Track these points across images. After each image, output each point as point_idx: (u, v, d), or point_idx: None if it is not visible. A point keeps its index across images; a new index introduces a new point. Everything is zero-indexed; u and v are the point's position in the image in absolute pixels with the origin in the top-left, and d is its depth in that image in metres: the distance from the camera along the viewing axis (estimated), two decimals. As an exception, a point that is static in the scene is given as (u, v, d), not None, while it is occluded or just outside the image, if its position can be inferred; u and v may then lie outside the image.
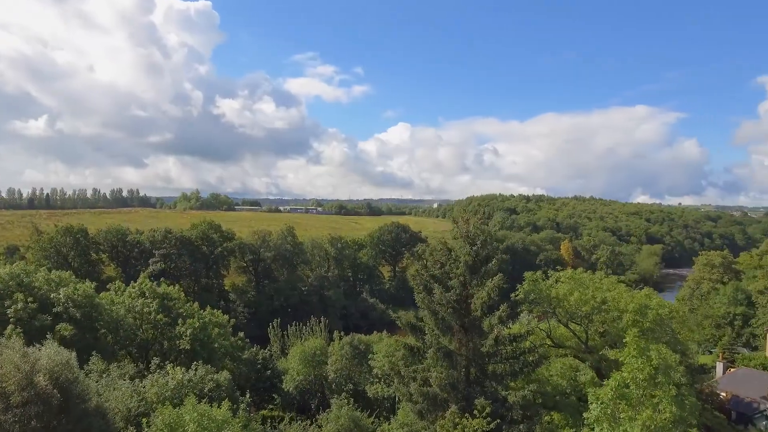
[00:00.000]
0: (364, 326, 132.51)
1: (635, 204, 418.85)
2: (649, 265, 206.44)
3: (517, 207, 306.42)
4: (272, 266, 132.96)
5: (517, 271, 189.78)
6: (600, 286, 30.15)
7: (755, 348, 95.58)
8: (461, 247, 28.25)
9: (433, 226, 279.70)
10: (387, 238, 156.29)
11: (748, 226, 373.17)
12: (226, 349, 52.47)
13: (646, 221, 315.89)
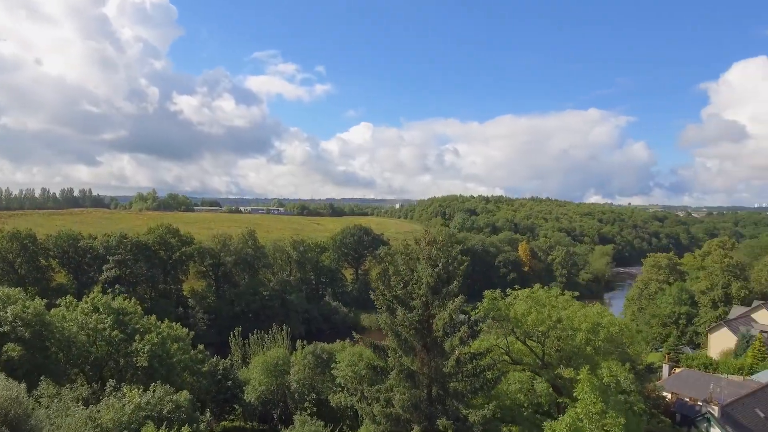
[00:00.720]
0: (326, 330, 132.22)
1: (588, 204, 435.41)
2: (601, 265, 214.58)
3: (477, 208, 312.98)
4: (233, 271, 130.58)
5: (478, 272, 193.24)
6: (555, 304, 31.48)
7: (698, 345, 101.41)
8: (424, 269, 28.85)
9: (395, 226, 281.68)
10: (349, 241, 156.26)
11: (691, 226, 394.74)
12: (186, 363, 51.38)
13: (598, 221, 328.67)
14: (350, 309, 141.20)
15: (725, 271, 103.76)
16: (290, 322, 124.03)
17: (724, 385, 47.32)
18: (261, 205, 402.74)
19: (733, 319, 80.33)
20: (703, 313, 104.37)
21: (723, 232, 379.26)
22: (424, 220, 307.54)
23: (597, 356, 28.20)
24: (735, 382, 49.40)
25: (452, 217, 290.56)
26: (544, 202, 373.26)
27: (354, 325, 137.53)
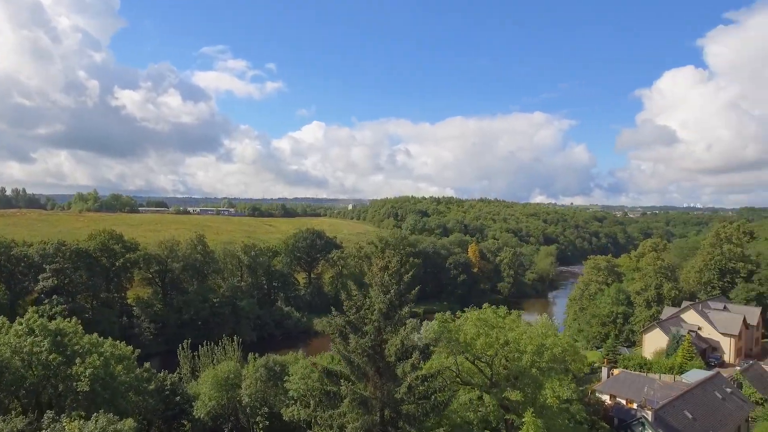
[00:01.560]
0: (279, 335, 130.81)
1: (534, 205, 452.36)
2: (545, 264, 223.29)
3: (428, 209, 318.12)
4: (181, 277, 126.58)
5: (429, 274, 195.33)
6: (503, 325, 32.89)
7: (633, 343, 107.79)
8: (376, 295, 29.40)
9: (348, 228, 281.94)
10: (302, 245, 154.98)
11: (628, 225, 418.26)
12: (131, 382, 49.59)
13: (543, 222, 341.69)
14: (303, 314, 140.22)
15: (658, 273, 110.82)
16: (241, 329, 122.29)
17: (657, 388, 50.83)
18: (210, 205, 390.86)
19: (665, 320, 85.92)
20: (638, 312, 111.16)
21: (656, 231, 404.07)
22: (377, 221, 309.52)
23: (542, 377, 29.81)
24: (667, 384, 53.14)
25: (404, 219, 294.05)
26: (493, 203, 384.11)
27: (307, 330, 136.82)
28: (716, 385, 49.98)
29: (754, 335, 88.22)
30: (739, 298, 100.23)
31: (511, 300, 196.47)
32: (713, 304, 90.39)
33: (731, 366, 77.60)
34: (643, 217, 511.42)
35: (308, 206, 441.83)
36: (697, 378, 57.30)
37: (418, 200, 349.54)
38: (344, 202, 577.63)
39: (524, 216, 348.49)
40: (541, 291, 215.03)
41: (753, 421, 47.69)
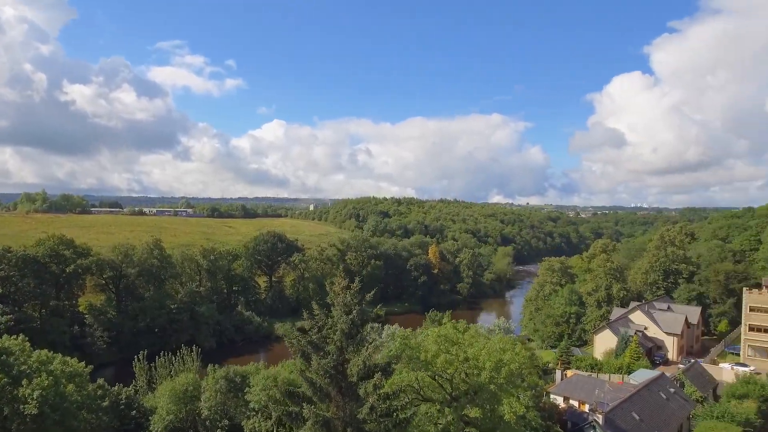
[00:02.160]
0: (239, 341, 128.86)
1: (492, 206, 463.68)
2: (503, 265, 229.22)
3: (389, 210, 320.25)
4: (136, 283, 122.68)
5: (390, 276, 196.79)
6: (463, 341, 34.13)
7: (585, 342, 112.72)
8: (338, 315, 29.87)
9: (310, 229, 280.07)
10: (263, 248, 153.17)
11: (580, 225, 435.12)
12: (83, 400, 47.90)
13: (500, 222, 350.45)
14: (264, 318, 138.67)
15: (607, 275, 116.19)
16: (200, 336, 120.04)
17: (607, 390, 53.69)
18: (167, 206, 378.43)
19: (614, 321, 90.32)
20: (590, 312, 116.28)
21: (606, 231, 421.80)
22: (338, 221, 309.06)
23: (500, 392, 31.31)
24: (616, 386, 56.19)
25: (366, 219, 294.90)
26: (452, 204, 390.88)
27: (268, 335, 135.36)
28: (661, 385, 53.28)
29: (694, 333, 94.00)
30: (682, 298, 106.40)
31: (470, 300, 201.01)
32: (658, 305, 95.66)
33: (674, 363, 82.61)
34: (594, 217, 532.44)
35: (269, 206, 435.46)
36: (644, 378, 60.85)
37: (379, 201, 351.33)
38: (305, 201, 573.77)
39: (483, 216, 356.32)
40: (498, 291, 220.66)
41: (693, 418, 51.08)
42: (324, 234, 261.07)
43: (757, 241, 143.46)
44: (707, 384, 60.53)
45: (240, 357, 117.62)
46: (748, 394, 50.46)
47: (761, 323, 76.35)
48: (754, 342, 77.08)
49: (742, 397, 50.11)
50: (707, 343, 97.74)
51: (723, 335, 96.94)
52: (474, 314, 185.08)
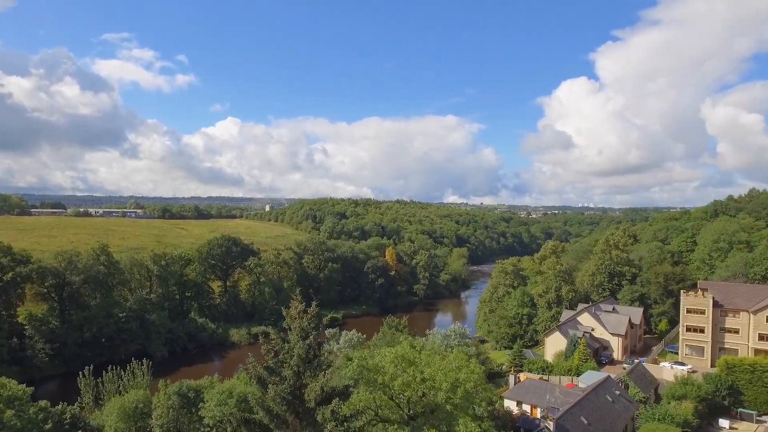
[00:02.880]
0: (192, 349, 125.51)
1: (447, 206, 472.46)
2: (458, 266, 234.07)
3: (346, 211, 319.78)
4: (82, 290, 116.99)
5: (348, 278, 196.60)
6: (420, 360, 34.91)
7: (537, 342, 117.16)
8: (295, 340, 29.83)
9: (266, 230, 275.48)
10: (217, 252, 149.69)
11: (531, 226, 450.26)
12: (24, 426, 45.54)
13: (455, 223, 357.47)
14: (218, 325, 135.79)
15: (557, 277, 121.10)
16: (151, 344, 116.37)
17: (557, 395, 56.30)
18: (115, 206, 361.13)
19: (564, 323, 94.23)
20: (541, 313, 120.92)
21: (556, 230, 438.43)
22: (294, 223, 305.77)
23: (456, 411, 32.42)
24: (565, 391, 58.94)
25: (323, 220, 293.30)
26: (409, 205, 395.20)
27: (222, 342, 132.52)
28: (607, 388, 56.35)
29: (637, 333, 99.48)
30: (625, 299, 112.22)
31: (426, 301, 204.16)
32: (604, 306, 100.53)
33: (620, 363, 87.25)
34: (544, 217, 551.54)
35: (223, 207, 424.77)
36: (592, 380, 64.10)
37: (336, 202, 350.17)
38: (261, 201, 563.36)
39: (438, 217, 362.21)
40: (454, 291, 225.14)
41: (637, 419, 54.36)
42: (280, 235, 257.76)
43: (692, 242, 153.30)
44: (649, 384, 64.49)
45: (193, 366, 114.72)
46: (686, 395, 54.29)
47: (697, 324, 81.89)
48: (691, 342, 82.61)
49: (680, 398, 53.87)
50: (649, 342, 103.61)
51: (663, 334, 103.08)
52: (430, 315, 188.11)
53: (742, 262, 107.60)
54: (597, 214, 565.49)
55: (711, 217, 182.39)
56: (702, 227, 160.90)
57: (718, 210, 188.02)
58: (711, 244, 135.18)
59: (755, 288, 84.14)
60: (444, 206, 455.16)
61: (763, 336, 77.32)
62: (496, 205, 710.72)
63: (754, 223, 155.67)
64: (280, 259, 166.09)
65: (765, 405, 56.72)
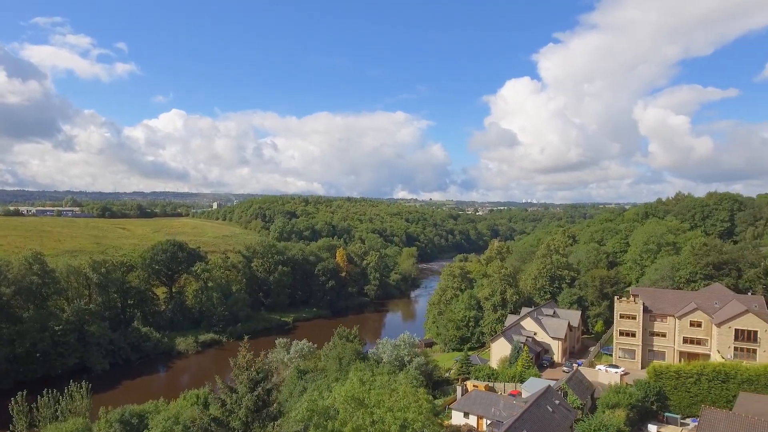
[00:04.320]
0: (136, 360, 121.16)
1: (397, 204, 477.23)
2: (408, 265, 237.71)
3: (296, 210, 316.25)
4: (13, 302, 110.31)
5: (299, 281, 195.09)
6: (370, 400, 35.76)
7: (483, 344, 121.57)
8: (243, 393, 30.00)
9: (213, 230, 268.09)
10: (162, 258, 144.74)
11: (478, 223, 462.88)
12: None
13: (405, 221, 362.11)
14: (164, 333, 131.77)
15: (502, 280, 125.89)
16: (91, 357, 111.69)
17: (503, 407, 59.22)
18: (49, 203, 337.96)
19: (508, 328, 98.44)
20: (487, 315, 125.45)
21: (501, 227, 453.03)
22: (243, 222, 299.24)
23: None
24: (510, 403, 61.96)
25: (272, 220, 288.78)
26: (359, 203, 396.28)
27: (168, 351, 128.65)
28: (547, 398, 59.78)
29: (576, 335, 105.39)
30: (565, 301, 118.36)
31: (377, 301, 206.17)
32: (546, 310, 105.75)
33: (560, 365, 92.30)
34: (490, 214, 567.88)
35: (168, 204, 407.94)
36: (535, 387, 67.77)
37: (286, 200, 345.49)
38: (208, 197, 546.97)
39: (388, 215, 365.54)
40: (404, 290, 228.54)
41: (575, 426, 57.98)
42: (229, 235, 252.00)
43: (625, 243, 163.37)
44: (586, 390, 68.86)
45: (137, 379, 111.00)
46: (618, 403, 58.50)
47: (629, 328, 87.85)
48: (624, 345, 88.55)
49: (614, 407, 57.99)
50: (587, 342, 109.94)
51: (599, 335, 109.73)
52: (381, 316, 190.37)
53: (668, 265, 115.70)
54: (539, 211, 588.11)
55: (642, 218, 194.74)
56: (634, 229, 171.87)
57: (648, 212, 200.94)
58: (642, 245, 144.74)
59: (680, 294, 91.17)
60: (394, 204, 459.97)
61: (687, 339, 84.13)
62: (444, 201, 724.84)
63: (679, 225, 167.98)
64: (229, 262, 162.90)
65: (688, 408, 61.95)
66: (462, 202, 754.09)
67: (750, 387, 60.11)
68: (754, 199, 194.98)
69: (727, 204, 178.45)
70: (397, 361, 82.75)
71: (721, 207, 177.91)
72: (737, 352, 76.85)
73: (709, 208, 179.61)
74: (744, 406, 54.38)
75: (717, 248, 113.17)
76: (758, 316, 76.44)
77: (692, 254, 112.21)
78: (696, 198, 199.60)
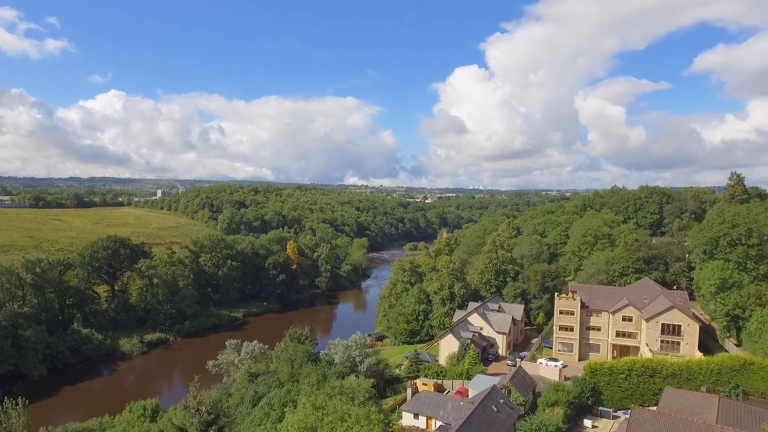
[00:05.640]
0: (77, 364, 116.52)
1: (348, 192, 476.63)
2: (359, 256, 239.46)
3: (245, 199, 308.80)
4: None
5: (249, 275, 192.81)
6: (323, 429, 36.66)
7: (432, 336, 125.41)
8: (190, 423, 30.25)
9: (158, 221, 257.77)
10: (102, 256, 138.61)
11: (427, 211, 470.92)
12: None
13: (356, 210, 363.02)
14: (106, 334, 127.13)
15: (450, 275, 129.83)
16: (26, 364, 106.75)
17: (450, 409, 62.09)
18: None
19: (456, 324, 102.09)
20: (436, 309, 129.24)
21: (449, 215, 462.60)
22: (190, 212, 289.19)
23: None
24: (458, 404, 64.90)
25: (220, 210, 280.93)
26: (310, 192, 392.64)
27: (112, 352, 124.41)
28: (492, 398, 63.15)
29: (519, 327, 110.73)
30: (509, 295, 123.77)
31: (328, 293, 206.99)
32: (491, 305, 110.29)
33: (504, 358, 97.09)
34: (439, 201, 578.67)
35: (108, 191, 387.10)
36: (481, 385, 71.40)
37: (234, 189, 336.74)
38: (151, 183, 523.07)
39: (339, 204, 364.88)
40: (355, 281, 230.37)
41: (518, 428, 61.63)
42: (174, 227, 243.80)
43: (565, 235, 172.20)
44: (528, 387, 73.12)
45: (78, 384, 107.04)
46: (557, 401, 62.71)
47: (567, 323, 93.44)
48: (563, 339, 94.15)
49: (553, 405, 62.12)
50: (529, 334, 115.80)
51: (541, 327, 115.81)
52: (332, 309, 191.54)
53: (604, 260, 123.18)
54: (486, 198, 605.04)
55: (581, 211, 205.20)
56: (573, 221, 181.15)
57: (586, 204, 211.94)
58: (580, 237, 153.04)
59: (614, 290, 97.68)
60: (345, 192, 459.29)
61: (619, 333, 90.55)
62: (395, 187, 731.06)
63: (614, 217, 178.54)
64: (175, 258, 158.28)
65: (620, 402, 67.30)
66: (412, 188, 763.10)
67: (674, 381, 66.05)
68: (681, 192, 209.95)
69: (657, 197, 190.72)
70: (349, 362, 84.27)
71: (651, 200, 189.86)
72: (663, 344, 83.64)
73: (640, 201, 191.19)
74: (668, 401, 59.85)
75: (647, 244, 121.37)
76: (682, 312, 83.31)
77: (625, 249, 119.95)
78: (630, 191, 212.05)
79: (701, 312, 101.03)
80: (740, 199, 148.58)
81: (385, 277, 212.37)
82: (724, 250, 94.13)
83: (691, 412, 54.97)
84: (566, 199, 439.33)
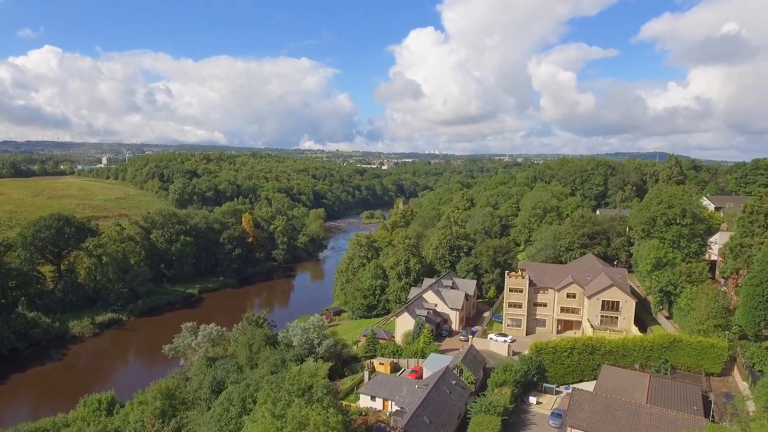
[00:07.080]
0: (24, 349, 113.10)
1: (303, 159, 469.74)
2: (316, 227, 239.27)
3: (198, 168, 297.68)
4: None
5: (203, 250, 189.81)
6: None
7: (389, 311, 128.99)
8: None
9: (104, 191, 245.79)
10: (46, 235, 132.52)
11: (384, 178, 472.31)
12: None
13: (313, 177, 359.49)
14: (55, 316, 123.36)
15: (406, 250, 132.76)
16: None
17: (405, 394, 65.28)
18: None
19: (411, 302, 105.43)
20: (392, 284, 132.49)
21: (406, 182, 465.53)
22: (138, 181, 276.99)
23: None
24: (412, 388, 67.97)
25: (171, 180, 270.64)
26: (265, 159, 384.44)
27: (61, 336, 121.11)
28: (445, 380, 66.69)
29: (471, 302, 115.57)
30: (463, 269, 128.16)
31: (285, 266, 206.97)
32: (445, 281, 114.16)
33: (457, 333, 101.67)
34: (395, 167, 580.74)
35: (49, 157, 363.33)
36: (435, 364, 74.92)
37: (186, 157, 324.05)
38: (95, 147, 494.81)
39: (295, 172, 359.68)
40: (312, 252, 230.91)
41: (470, 408, 65.25)
42: (123, 197, 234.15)
43: (516, 207, 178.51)
44: (479, 365, 77.31)
45: (27, 371, 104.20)
46: (506, 381, 66.91)
47: (516, 300, 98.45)
48: (512, 315, 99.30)
49: (501, 385, 66.27)
50: (481, 307, 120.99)
51: (492, 300, 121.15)
52: (290, 281, 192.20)
53: (551, 235, 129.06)
54: (441, 164, 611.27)
55: (531, 182, 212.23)
56: (524, 193, 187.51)
57: (537, 176, 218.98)
58: (530, 210, 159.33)
59: (560, 268, 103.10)
60: (301, 158, 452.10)
61: (564, 308, 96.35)
62: (351, 152, 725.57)
63: (562, 189, 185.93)
64: (125, 234, 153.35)
65: (562, 378, 72.57)
66: (368, 152, 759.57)
67: (611, 357, 71.69)
68: (624, 163, 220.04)
69: (602, 169, 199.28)
70: (307, 344, 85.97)
71: (597, 172, 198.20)
72: (603, 319, 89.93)
73: (587, 173, 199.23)
74: (605, 379, 65.19)
75: (591, 219, 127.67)
76: (620, 289, 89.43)
77: (571, 225, 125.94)
78: (577, 162, 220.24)
79: (638, 285, 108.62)
80: (677, 180, 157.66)
81: (343, 248, 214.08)
82: (660, 229, 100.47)
83: (624, 392, 60.27)
84: (518, 165, 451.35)
